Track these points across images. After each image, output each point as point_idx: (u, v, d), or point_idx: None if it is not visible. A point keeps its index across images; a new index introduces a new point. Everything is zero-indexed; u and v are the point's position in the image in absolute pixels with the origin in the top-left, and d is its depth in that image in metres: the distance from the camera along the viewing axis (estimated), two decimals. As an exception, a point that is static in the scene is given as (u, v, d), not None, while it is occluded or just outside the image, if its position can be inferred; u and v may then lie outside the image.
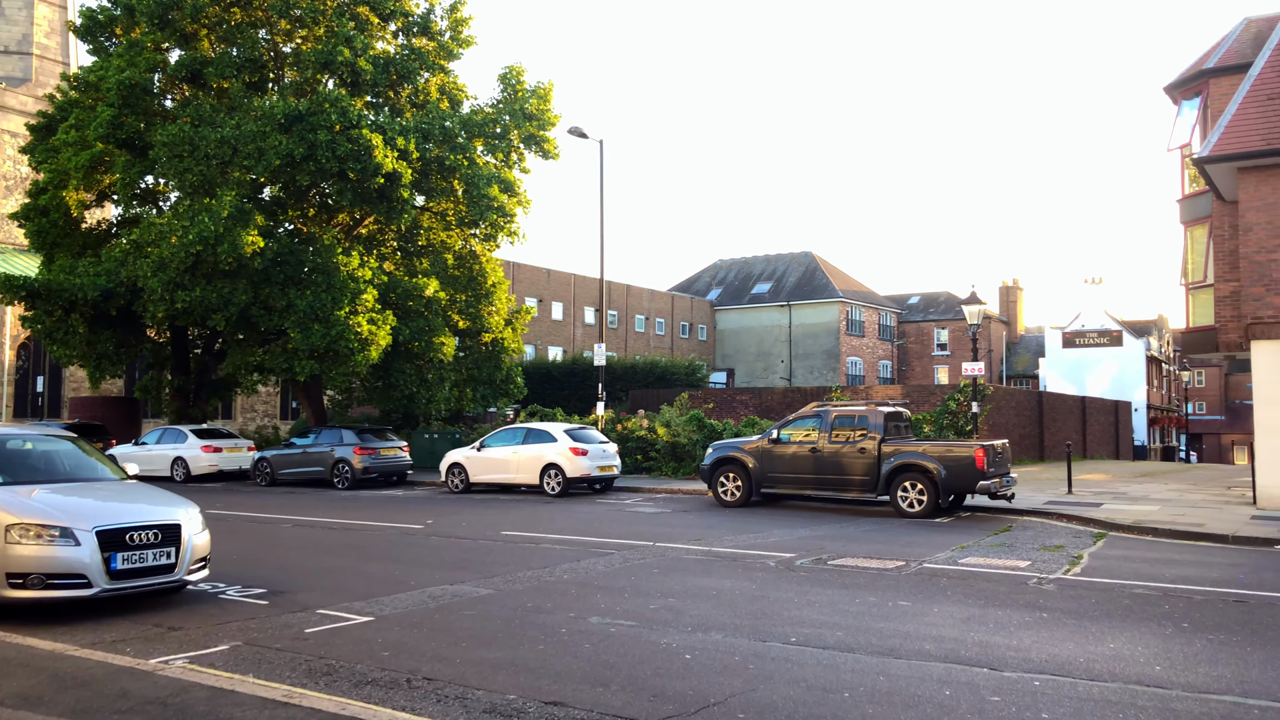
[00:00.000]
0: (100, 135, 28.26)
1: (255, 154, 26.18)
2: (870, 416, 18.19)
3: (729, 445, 19.80)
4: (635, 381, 43.52)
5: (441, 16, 31.66)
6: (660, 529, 15.01)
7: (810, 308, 66.21)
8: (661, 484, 23.25)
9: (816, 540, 13.68)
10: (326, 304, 26.25)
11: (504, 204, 30.09)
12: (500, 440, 22.79)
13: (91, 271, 27.52)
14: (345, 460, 24.30)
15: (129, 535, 8.57)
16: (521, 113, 30.69)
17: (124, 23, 30.33)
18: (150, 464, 27.29)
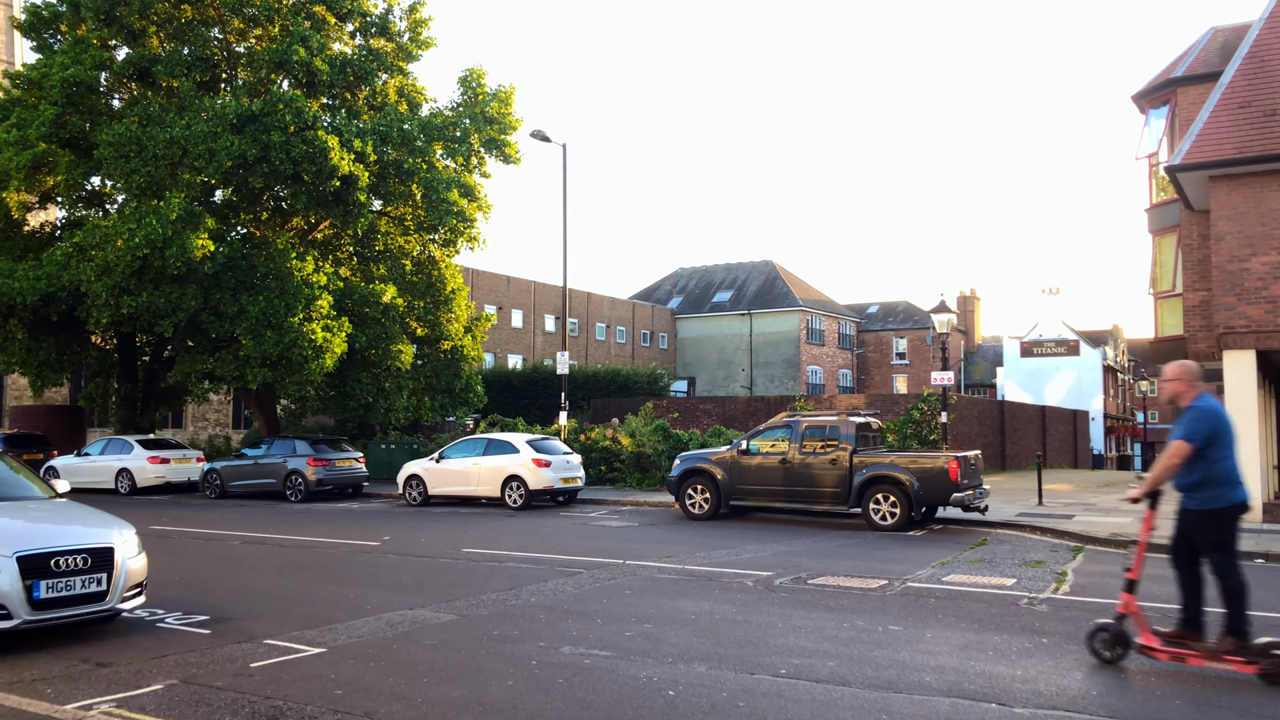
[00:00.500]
0: (43, 134, 27.15)
1: (206, 155, 25.28)
2: (841, 427, 17.75)
3: (696, 456, 19.27)
4: (597, 390, 42.92)
5: (400, 17, 30.97)
6: (629, 545, 14.42)
7: (771, 316, 66.04)
8: (627, 496, 22.66)
9: (792, 556, 13.17)
10: (280, 310, 25.39)
11: (464, 209, 29.42)
12: (460, 451, 22.08)
13: (32, 275, 26.41)
14: (298, 472, 23.43)
15: (55, 560, 7.82)
16: (482, 116, 30.04)
17: (69, 19, 29.25)
18: (94, 476, 26.22)
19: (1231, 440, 7.24)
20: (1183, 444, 7.13)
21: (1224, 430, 7.18)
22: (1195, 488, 7.20)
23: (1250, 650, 6.87)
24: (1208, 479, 7.14)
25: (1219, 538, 7.17)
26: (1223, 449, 7.15)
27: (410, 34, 30.96)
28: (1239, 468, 7.26)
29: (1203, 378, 7.43)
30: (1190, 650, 7.13)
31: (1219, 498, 7.13)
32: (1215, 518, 7.17)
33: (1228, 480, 7.13)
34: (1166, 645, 7.20)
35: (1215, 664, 6.98)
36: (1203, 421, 7.13)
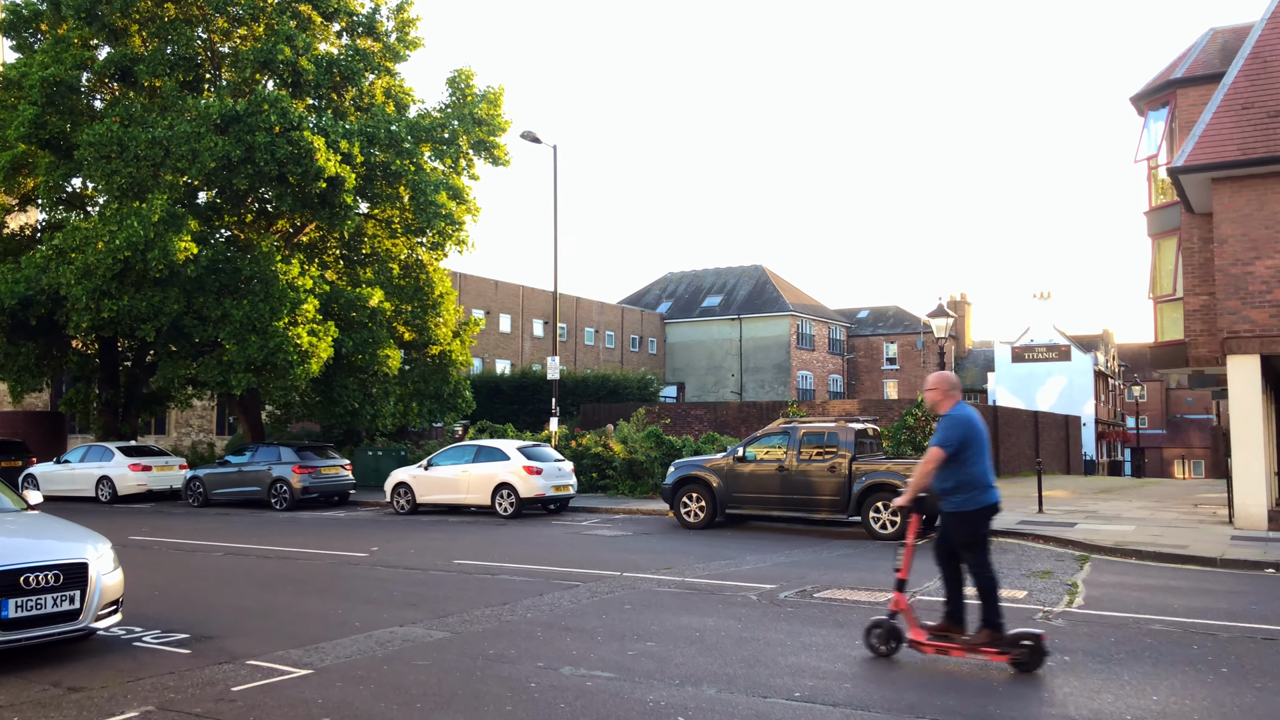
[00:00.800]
0: (22, 135, 26.57)
1: (189, 156, 24.79)
2: (840, 434, 17.39)
3: (691, 464, 18.89)
4: (586, 396, 42.49)
5: (388, 17, 30.55)
6: (625, 556, 14.02)
7: (761, 321, 65.75)
8: (619, 504, 22.25)
9: (794, 568, 12.79)
10: (264, 314, 24.89)
11: (452, 211, 29.00)
12: (449, 458, 21.63)
13: (10, 278, 25.82)
14: (283, 480, 22.92)
15: (24, 577, 7.36)
16: (471, 118, 29.63)
17: (50, 18, 28.71)
18: (73, 484, 25.65)
19: (983, 447, 7.61)
20: (938, 450, 7.53)
21: (975, 437, 7.57)
22: (951, 492, 7.60)
23: (1003, 641, 7.36)
24: (961, 483, 7.54)
25: (972, 538, 7.62)
26: (974, 454, 7.56)
27: (398, 34, 30.54)
28: (990, 473, 7.67)
29: (960, 388, 7.94)
30: (952, 643, 7.58)
31: (972, 501, 7.55)
32: (969, 519, 7.60)
33: (979, 484, 7.55)
34: (932, 639, 7.64)
35: (973, 655, 7.45)
36: (955, 429, 7.53)
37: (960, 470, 7.54)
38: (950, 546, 7.79)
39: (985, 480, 7.59)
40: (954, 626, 7.76)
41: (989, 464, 7.67)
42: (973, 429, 7.57)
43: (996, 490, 7.68)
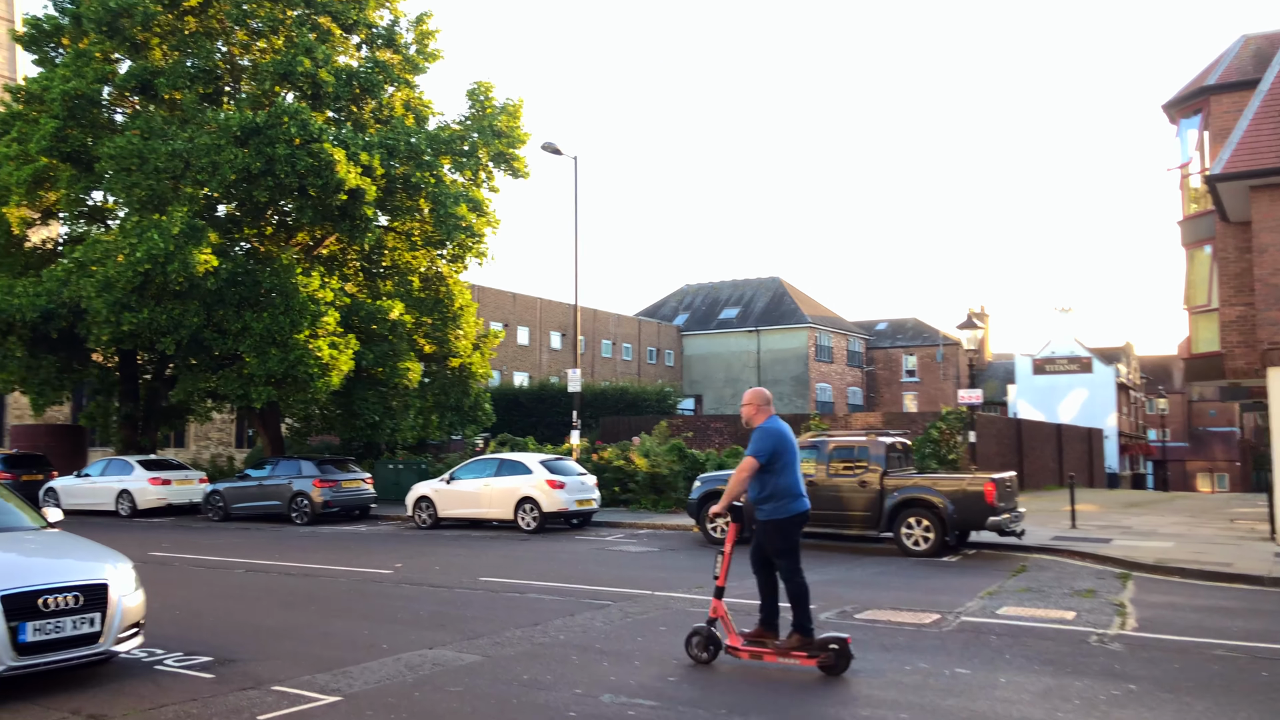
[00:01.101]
0: (43, 148, 26.56)
1: (209, 168, 24.68)
2: (871, 448, 17.04)
3: (717, 478, 18.58)
4: (605, 408, 42.18)
5: (407, 29, 30.44)
6: (654, 573, 13.68)
7: (778, 333, 65.37)
8: (643, 518, 21.91)
9: (829, 586, 12.42)
10: (285, 327, 24.72)
11: (472, 224, 28.84)
12: (471, 472, 21.35)
13: (31, 291, 25.74)
14: (304, 494, 22.69)
15: (43, 599, 7.10)
16: (490, 130, 29.48)
17: (71, 32, 28.72)
18: (94, 497, 25.50)
19: (794, 458, 8.05)
20: (751, 460, 7.91)
21: (784, 448, 7.96)
22: (763, 500, 7.99)
23: (812, 646, 7.72)
24: (774, 492, 7.92)
25: (784, 545, 7.98)
26: (785, 465, 7.94)
27: (417, 46, 30.43)
28: (801, 482, 8.09)
29: (772, 403, 8.36)
30: (765, 648, 7.93)
31: (783, 509, 7.94)
32: (780, 527, 7.96)
33: (790, 493, 7.94)
34: (747, 645, 7.99)
35: (785, 659, 7.79)
36: (767, 440, 7.92)
37: (773, 480, 7.91)
38: (765, 554, 8.10)
39: (796, 489, 8.00)
40: (768, 632, 8.08)
41: (799, 474, 8.12)
42: (784, 441, 7.97)
43: (806, 499, 8.10)
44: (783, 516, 7.94)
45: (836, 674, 7.58)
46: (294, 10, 28.03)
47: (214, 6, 27.88)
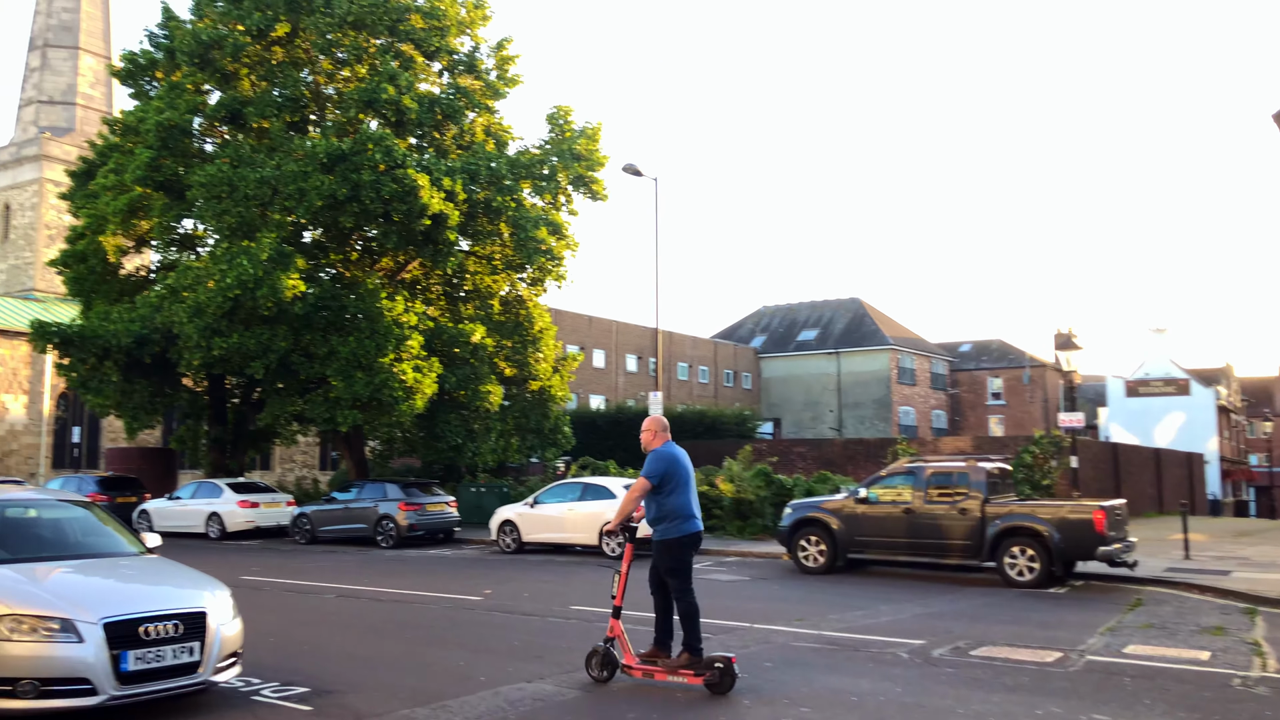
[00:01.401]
0: (138, 178, 27.32)
1: (296, 195, 25.06)
2: (971, 474, 16.37)
3: (809, 505, 18.04)
4: (683, 432, 41.73)
5: (488, 55, 30.66)
6: (749, 604, 13.23)
7: (859, 355, 64.31)
8: (729, 545, 21.43)
9: (936, 620, 11.85)
10: (370, 351, 24.91)
11: (552, 247, 28.83)
12: (555, 496, 21.14)
13: (126, 318, 26.36)
14: (389, 517, 22.71)
15: (143, 628, 6.97)
16: (570, 153, 29.50)
17: (165, 66, 29.55)
18: (184, 520, 25.91)
19: (685, 480, 8.40)
20: (643, 481, 8.37)
21: (675, 471, 8.35)
22: (656, 522, 8.41)
23: (700, 664, 8.03)
24: (665, 513, 8.33)
25: (674, 564, 8.38)
26: (675, 487, 8.32)
27: (497, 72, 30.63)
28: (692, 505, 8.45)
29: (669, 430, 8.73)
30: (657, 666, 8.23)
31: (674, 530, 8.32)
32: (670, 547, 8.36)
33: (681, 514, 8.33)
34: (641, 664, 8.29)
35: (674, 676, 8.07)
36: (658, 463, 8.34)
37: (664, 501, 8.34)
38: (660, 574, 8.41)
39: (687, 511, 8.39)
40: (661, 651, 8.40)
41: (691, 497, 8.47)
42: (675, 464, 8.39)
43: (698, 521, 8.51)
44: (673, 537, 8.31)
45: (721, 692, 7.82)
46: (378, 39, 28.43)
47: (300, 36, 28.43)
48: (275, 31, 27.74)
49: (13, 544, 7.99)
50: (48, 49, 57.76)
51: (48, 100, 57.46)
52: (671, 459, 8.42)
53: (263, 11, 27.31)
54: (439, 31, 28.92)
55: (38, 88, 57.82)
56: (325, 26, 27.30)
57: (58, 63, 57.80)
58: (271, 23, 27.42)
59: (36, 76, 58.00)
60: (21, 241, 54.62)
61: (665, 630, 8.47)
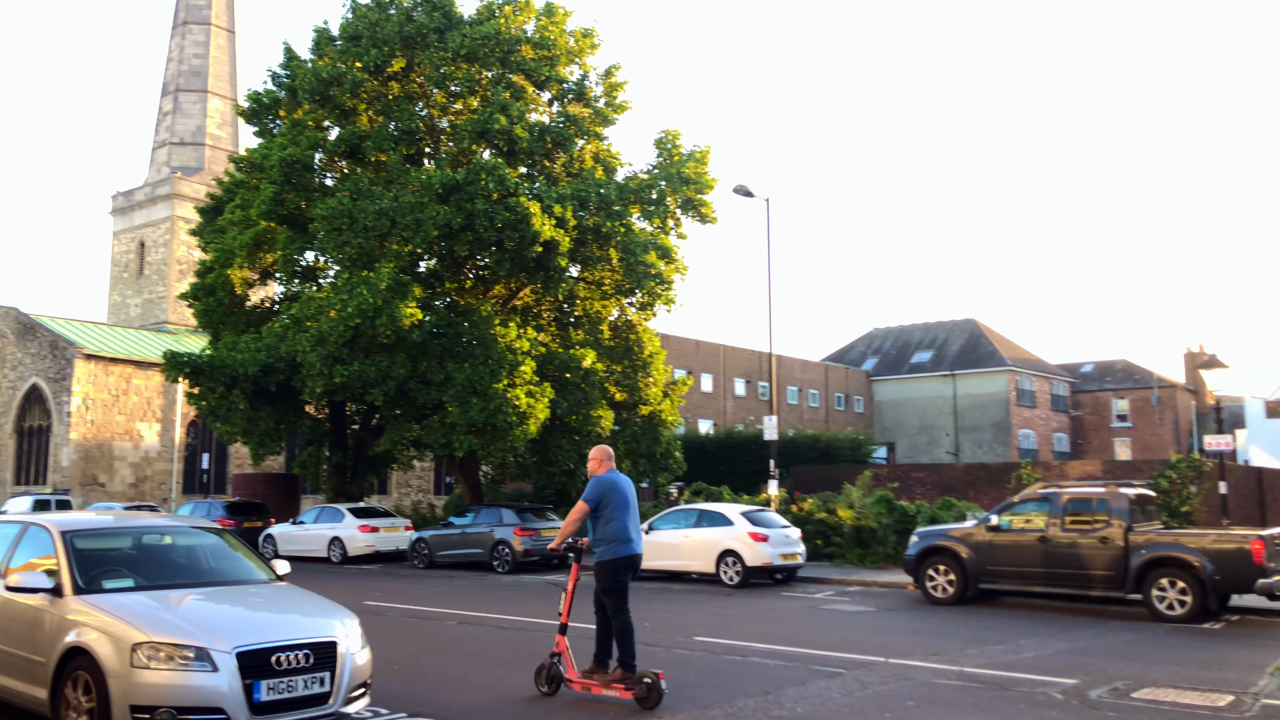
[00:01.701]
0: (263, 213, 28.30)
1: (413, 225, 25.55)
2: (1112, 500, 15.47)
3: (936, 533, 17.34)
4: (795, 457, 41.02)
5: (596, 82, 30.85)
6: (879, 636, 12.67)
7: (975, 377, 62.43)
8: (850, 574, 20.77)
9: (1083, 656, 11.11)
10: (484, 377, 25.13)
11: (661, 271, 28.69)
12: (669, 522, 20.84)
13: (252, 347, 27.23)
14: (505, 542, 22.75)
15: (275, 657, 6.92)
16: (678, 177, 29.41)
17: (287, 104, 30.62)
18: (308, 544, 26.49)
19: (623, 505, 8.89)
20: (581, 505, 8.99)
21: (612, 496, 8.88)
22: (596, 544, 8.94)
23: (632, 680, 8.52)
24: (603, 536, 8.86)
25: (611, 585, 8.88)
26: (613, 512, 8.83)
27: (606, 99, 30.78)
28: (630, 529, 8.90)
29: (612, 458, 9.29)
30: (594, 680, 8.76)
31: (610, 552, 8.83)
32: (607, 568, 8.86)
33: (619, 538, 8.83)
34: (581, 678, 8.82)
35: (608, 690, 8.61)
36: (596, 488, 8.92)
37: (603, 525, 8.87)
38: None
39: (624, 534, 8.87)
40: (599, 667, 8.92)
41: (629, 521, 8.93)
42: (613, 490, 8.91)
43: (635, 544, 8.92)
44: (609, 559, 8.82)
45: (648, 707, 8.28)
46: (489, 70, 28.89)
47: (415, 71, 29.09)
48: (391, 67, 28.45)
49: (148, 570, 8.10)
50: (179, 93, 60.76)
51: (179, 141, 60.37)
52: (610, 485, 8.92)
53: (379, 48, 28.05)
54: (549, 61, 29.24)
55: (170, 130, 60.81)
56: (439, 60, 27.89)
57: (188, 105, 60.74)
58: (388, 58, 28.13)
59: (169, 120, 61.03)
60: (155, 277, 57.35)
61: (604, 648, 8.96)
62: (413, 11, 28.89)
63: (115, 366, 43.05)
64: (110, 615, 7.04)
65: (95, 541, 8.22)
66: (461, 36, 27.55)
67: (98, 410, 42.20)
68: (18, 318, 44.68)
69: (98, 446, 42.09)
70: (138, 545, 8.42)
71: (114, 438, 42.66)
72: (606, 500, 8.87)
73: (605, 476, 9.01)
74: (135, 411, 43.60)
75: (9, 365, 44.64)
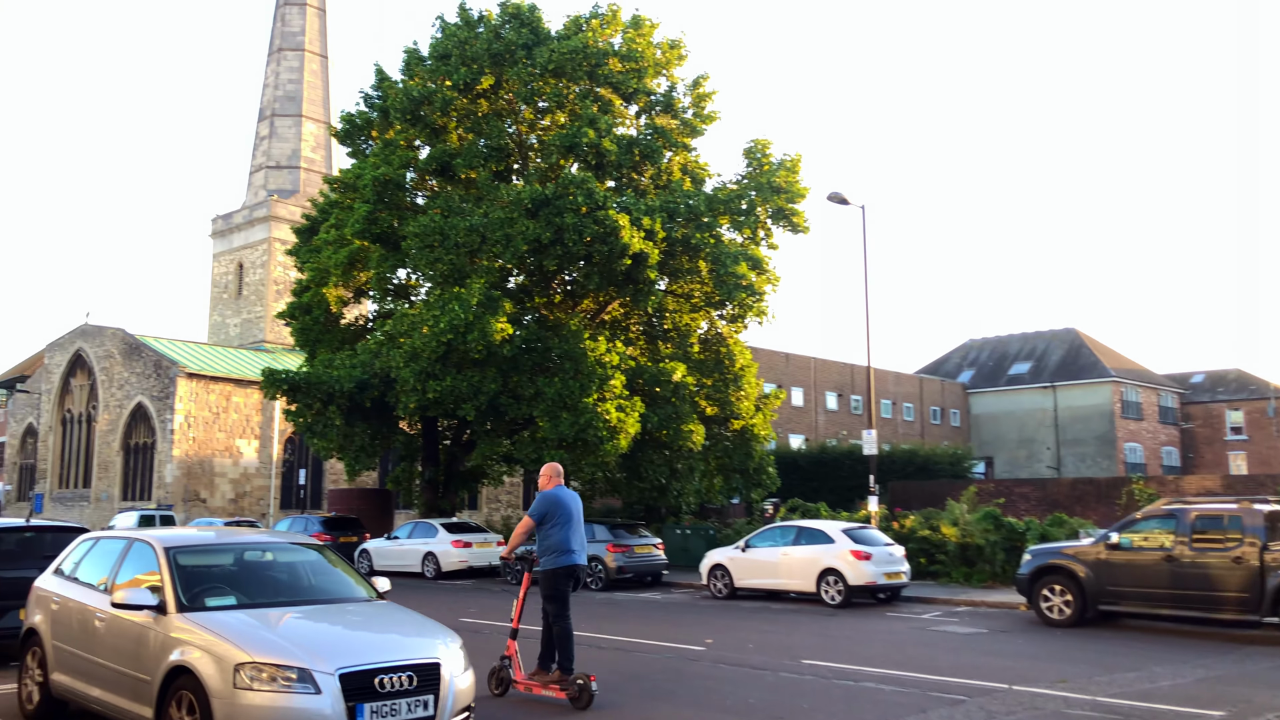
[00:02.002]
0: (357, 231, 28.70)
1: (503, 240, 25.60)
2: (1245, 517, 14.47)
3: (1050, 550, 16.51)
4: (892, 472, 40.02)
5: (684, 93, 30.62)
6: (998, 660, 11.99)
7: (1077, 389, 60.28)
8: (956, 593, 19.95)
9: (1227, 686, 10.31)
10: (575, 391, 24.97)
11: (753, 282, 28.22)
12: (767, 540, 20.30)
13: (347, 364, 27.57)
14: (598, 559, 22.46)
15: (379, 679, 6.70)
16: (769, 186, 28.99)
17: (380, 125, 31.06)
18: (401, 560, 26.61)
19: (566, 519, 9.57)
20: (526, 519, 9.78)
21: (554, 511, 9.58)
22: (541, 554, 9.61)
23: (568, 682, 9.15)
24: (546, 547, 9.56)
25: (552, 592, 9.52)
26: (554, 525, 9.53)
27: (694, 109, 30.53)
28: (571, 541, 9.53)
29: (561, 475, 10.04)
30: (535, 682, 9.40)
31: (552, 562, 9.47)
32: (550, 577, 9.50)
33: (559, 549, 9.49)
34: (527, 679, 9.48)
35: (546, 691, 9.24)
36: (540, 504, 9.64)
37: (546, 537, 9.60)
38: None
39: (565, 546, 9.56)
40: (542, 669, 9.53)
41: (571, 534, 9.61)
42: (557, 505, 9.65)
43: (575, 555, 9.61)
44: (550, 568, 9.49)
45: (580, 707, 8.92)
46: (577, 84, 28.88)
47: (504, 87, 29.24)
48: (480, 84, 28.62)
49: (250, 587, 7.98)
50: (275, 118, 62.55)
51: (275, 165, 62.11)
52: (554, 500, 9.67)
53: (468, 66, 28.26)
54: (636, 73, 29.11)
55: (266, 154, 62.60)
56: (527, 76, 27.98)
57: (283, 130, 62.47)
58: (477, 76, 28.32)
59: (265, 144, 62.85)
60: (253, 297, 58.97)
61: (549, 651, 9.56)
62: (501, 29, 29.07)
63: (216, 385, 44.22)
64: (213, 634, 6.90)
65: (198, 558, 8.14)
66: (549, 52, 27.59)
67: (199, 427, 43.37)
68: (124, 339, 46.27)
69: (199, 463, 43.23)
70: (239, 562, 8.32)
71: (214, 454, 43.78)
72: (550, 515, 9.59)
73: (551, 492, 9.75)
74: (235, 428, 44.70)
75: (116, 384, 46.24)
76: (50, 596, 8.81)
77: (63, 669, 8.32)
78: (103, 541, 8.94)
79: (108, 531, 10.07)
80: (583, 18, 29.54)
